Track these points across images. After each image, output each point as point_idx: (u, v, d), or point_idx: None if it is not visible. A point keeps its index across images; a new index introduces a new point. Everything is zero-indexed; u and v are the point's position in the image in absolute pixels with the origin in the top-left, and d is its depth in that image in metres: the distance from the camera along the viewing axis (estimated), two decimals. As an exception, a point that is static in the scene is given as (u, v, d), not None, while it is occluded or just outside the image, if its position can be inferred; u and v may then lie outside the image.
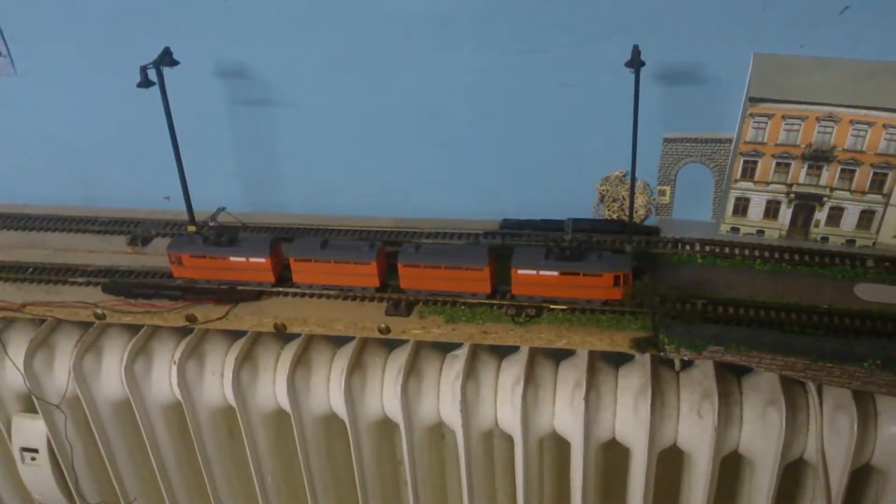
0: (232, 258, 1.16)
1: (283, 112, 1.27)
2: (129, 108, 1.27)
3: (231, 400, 1.21)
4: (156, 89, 1.09)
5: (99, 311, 1.17)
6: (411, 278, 1.13)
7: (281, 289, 1.17)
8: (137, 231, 1.31)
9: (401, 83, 1.22)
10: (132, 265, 1.24)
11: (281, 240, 1.20)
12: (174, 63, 1.10)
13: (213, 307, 1.15)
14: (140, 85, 1.07)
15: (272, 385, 1.20)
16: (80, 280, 1.22)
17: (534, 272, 1.10)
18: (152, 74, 1.08)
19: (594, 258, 1.09)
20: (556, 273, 1.09)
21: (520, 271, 1.10)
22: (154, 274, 1.22)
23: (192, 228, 1.19)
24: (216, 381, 1.21)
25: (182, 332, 1.22)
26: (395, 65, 1.20)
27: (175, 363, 1.19)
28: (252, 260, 1.16)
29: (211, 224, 1.19)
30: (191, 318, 1.15)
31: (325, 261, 1.14)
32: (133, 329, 1.22)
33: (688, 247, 1.19)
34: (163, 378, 1.22)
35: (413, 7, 1.15)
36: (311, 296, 1.17)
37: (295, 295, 1.17)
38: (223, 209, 1.22)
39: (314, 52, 1.21)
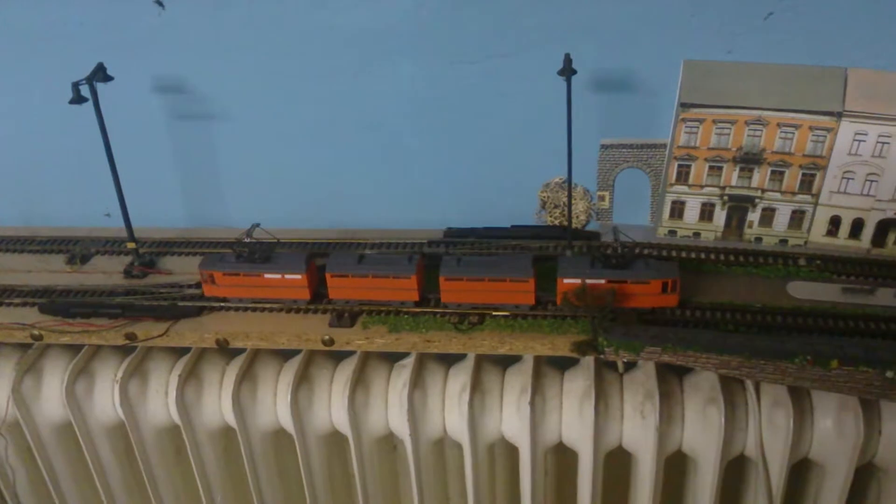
0: (266, 275, 1.13)
1: (222, 126, 1.27)
2: (65, 125, 1.24)
3: (176, 418, 1.19)
4: (92, 105, 1.08)
5: (36, 331, 1.14)
6: (454, 292, 1.11)
7: (222, 304, 1.16)
8: (76, 249, 1.29)
9: (340, 95, 1.22)
10: (70, 284, 1.22)
11: (314, 255, 1.18)
12: (108, 79, 1.10)
13: (153, 324, 1.13)
14: (72, 101, 1.06)
15: (218, 402, 1.19)
16: (17, 301, 1.20)
17: (580, 281, 1.08)
18: (85, 90, 1.07)
19: (641, 265, 1.08)
20: (603, 281, 1.08)
21: (566, 280, 1.08)
22: (93, 292, 1.20)
23: (131, 245, 1.17)
24: (160, 399, 1.19)
25: (125, 350, 1.20)
26: (334, 77, 1.21)
27: (117, 382, 1.17)
28: (287, 276, 1.13)
29: (246, 240, 1.16)
30: (130, 336, 1.13)
31: (362, 276, 1.12)
32: (74, 349, 1.20)
33: (626, 250, 1.21)
34: (105, 398, 1.20)
35: (350, 20, 1.16)
36: (254, 309, 1.16)
37: (237, 309, 1.16)
38: (257, 225, 1.18)
39: (252, 66, 1.21)
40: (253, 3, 1.16)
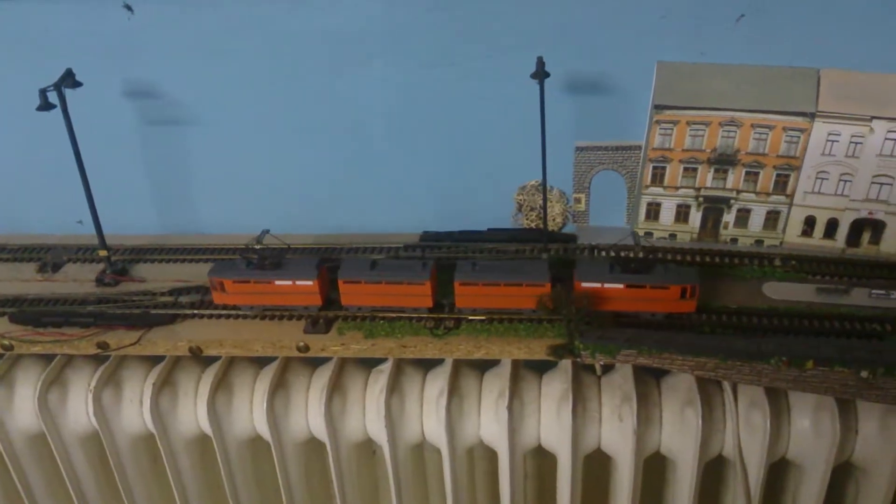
0: (277, 282, 1.12)
1: (194, 131, 1.26)
2: (36, 132, 1.23)
3: (151, 427, 1.18)
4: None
5: (6, 341, 1.13)
6: (469, 296, 1.10)
7: (196, 311, 1.15)
8: (47, 258, 1.28)
9: (313, 99, 1.21)
10: (41, 293, 1.21)
11: (326, 261, 1.16)
12: (77, 84, 1.08)
13: (125, 333, 1.12)
14: (40, 108, 1.05)
15: (193, 410, 1.18)
16: (-13, 310, 1.18)
17: (598, 285, 1.07)
18: (53, 97, 1.06)
19: (660, 270, 1.07)
20: (621, 286, 1.07)
21: (584, 284, 1.08)
22: (64, 301, 1.18)
23: (102, 253, 1.16)
24: (135, 408, 1.18)
25: (99, 359, 1.18)
26: (307, 81, 1.20)
27: (91, 392, 1.16)
28: (299, 283, 1.11)
29: (256, 247, 1.15)
30: (102, 346, 1.12)
31: (376, 282, 1.10)
32: (47, 359, 1.18)
33: (603, 253, 1.21)
34: (79, 408, 1.18)
35: (322, 23, 1.15)
36: (227, 317, 1.15)
37: (211, 317, 1.15)
38: (267, 231, 1.17)
39: (224, 70, 1.20)
40: (223, 6, 1.15)
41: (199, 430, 1.19)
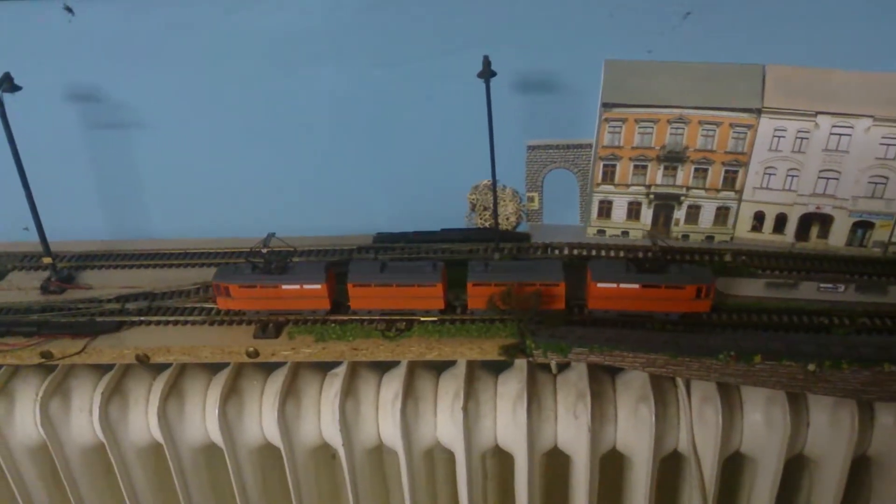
0: (284, 286, 1.09)
1: (140, 134, 1.23)
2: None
3: (101, 436, 1.15)
4: (-3, 116, 1.04)
5: (-53, 353, 1.10)
6: (481, 297, 1.07)
7: (143, 317, 1.13)
8: (-9, 266, 1.25)
9: (261, 102, 1.20)
10: (-16, 302, 1.18)
11: (333, 264, 1.14)
12: (16, 88, 1.06)
13: (70, 341, 1.09)
14: (-25, 112, 1.02)
15: (144, 418, 1.16)
16: (-73, 322, 1.15)
17: (614, 285, 1.06)
18: (-10, 101, 1.04)
19: (675, 270, 1.07)
20: (637, 286, 1.06)
21: (599, 284, 1.06)
22: (7, 310, 1.15)
23: (47, 260, 1.13)
24: (84, 417, 1.15)
25: (47, 369, 1.16)
26: (254, 82, 1.18)
27: (38, 402, 1.13)
28: (307, 287, 1.09)
29: (263, 251, 1.11)
30: (46, 355, 1.09)
31: (386, 284, 1.08)
32: (-8, 370, 1.16)
33: (557, 251, 1.21)
34: (26, 418, 1.15)
35: (266, 24, 1.13)
36: (176, 323, 1.13)
37: (159, 323, 1.13)
38: (273, 234, 1.13)
39: (169, 73, 1.18)
40: (166, 7, 1.13)
41: (151, 438, 1.17)
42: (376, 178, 1.27)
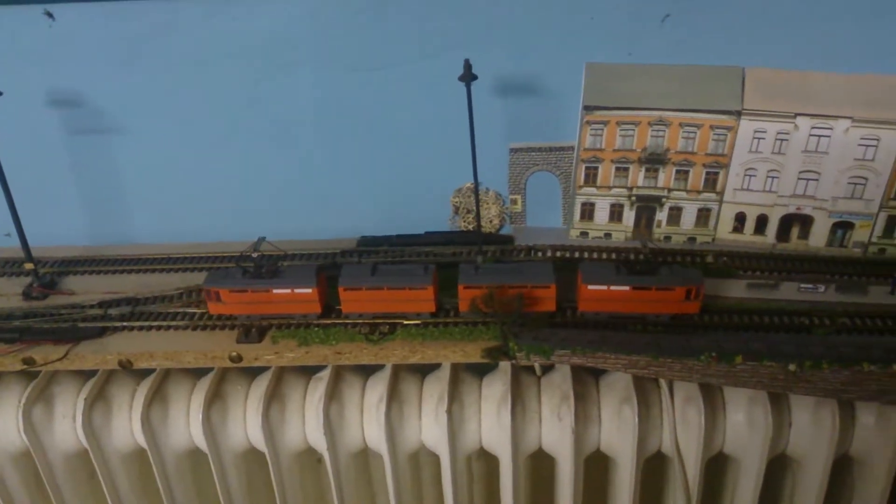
0: (275, 290, 1.09)
1: (122, 140, 1.23)
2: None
3: (85, 443, 1.15)
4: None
5: (-73, 360, 1.10)
6: (470, 301, 1.08)
7: (126, 323, 1.13)
8: (-28, 272, 1.24)
9: (241, 105, 1.20)
10: (-35, 309, 1.17)
11: (324, 268, 1.14)
12: (-4, 94, 1.05)
13: (52, 348, 1.09)
14: (-46, 119, 1.02)
15: (128, 424, 1.15)
16: None
17: (604, 287, 1.07)
18: (-31, 107, 1.03)
19: (665, 272, 1.07)
20: (627, 288, 1.06)
21: (590, 287, 1.07)
22: (-12, 317, 1.15)
23: (29, 266, 1.13)
24: (67, 424, 1.15)
25: (31, 375, 1.15)
26: (234, 87, 1.18)
27: (20, 408, 1.13)
28: (297, 291, 1.09)
29: (253, 255, 1.11)
30: (28, 361, 1.09)
31: (377, 288, 1.09)
32: (-27, 377, 1.15)
33: (540, 254, 1.22)
34: (9, 425, 1.15)
35: (245, 28, 1.13)
36: (159, 328, 1.13)
37: (142, 328, 1.13)
38: (264, 239, 1.13)
39: (150, 78, 1.18)
40: (146, 13, 1.12)
41: (134, 443, 1.17)
42: (359, 181, 1.27)
